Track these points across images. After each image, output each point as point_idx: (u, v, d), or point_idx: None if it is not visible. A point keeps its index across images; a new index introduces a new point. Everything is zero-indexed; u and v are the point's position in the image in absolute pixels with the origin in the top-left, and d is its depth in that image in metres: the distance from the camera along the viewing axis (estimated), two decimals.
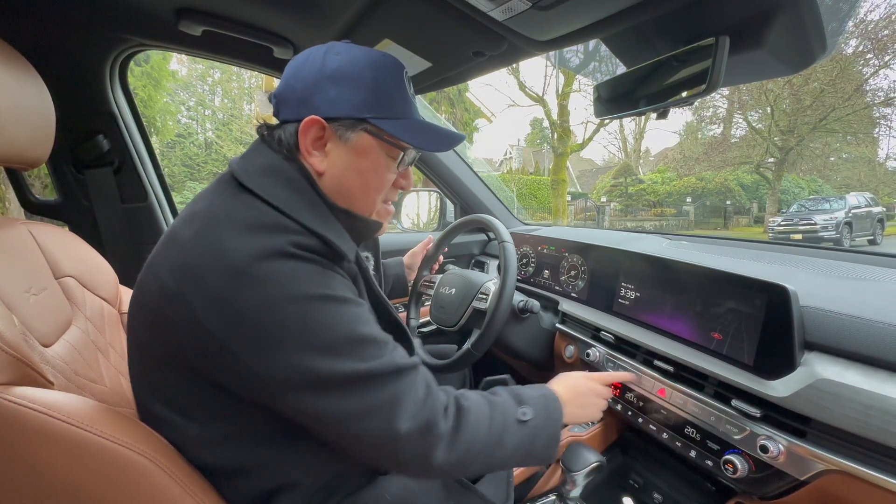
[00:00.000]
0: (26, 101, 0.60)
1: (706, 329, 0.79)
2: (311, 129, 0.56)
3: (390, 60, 0.59)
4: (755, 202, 16.61)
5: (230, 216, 0.50)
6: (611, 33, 0.80)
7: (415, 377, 0.54)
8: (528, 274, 1.38)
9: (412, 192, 1.72)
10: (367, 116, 0.56)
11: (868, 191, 13.36)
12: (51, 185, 1.19)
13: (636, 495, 0.94)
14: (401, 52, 1.03)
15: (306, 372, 0.47)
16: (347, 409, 0.49)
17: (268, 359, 0.46)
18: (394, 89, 0.58)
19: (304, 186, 0.56)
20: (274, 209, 0.52)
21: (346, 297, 0.51)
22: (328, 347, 0.48)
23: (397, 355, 0.54)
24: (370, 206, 0.63)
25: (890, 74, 21.03)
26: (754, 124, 14.98)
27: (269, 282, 0.46)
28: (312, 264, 0.50)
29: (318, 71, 0.56)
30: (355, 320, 0.51)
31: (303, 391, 0.48)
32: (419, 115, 0.63)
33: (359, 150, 0.58)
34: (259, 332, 0.46)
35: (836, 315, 0.65)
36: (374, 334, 0.52)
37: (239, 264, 0.46)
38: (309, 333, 0.47)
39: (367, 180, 0.60)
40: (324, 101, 0.55)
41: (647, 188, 17.49)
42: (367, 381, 0.49)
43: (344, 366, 0.48)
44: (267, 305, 0.46)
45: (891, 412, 0.54)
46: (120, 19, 0.99)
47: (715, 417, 0.73)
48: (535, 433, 0.61)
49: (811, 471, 0.61)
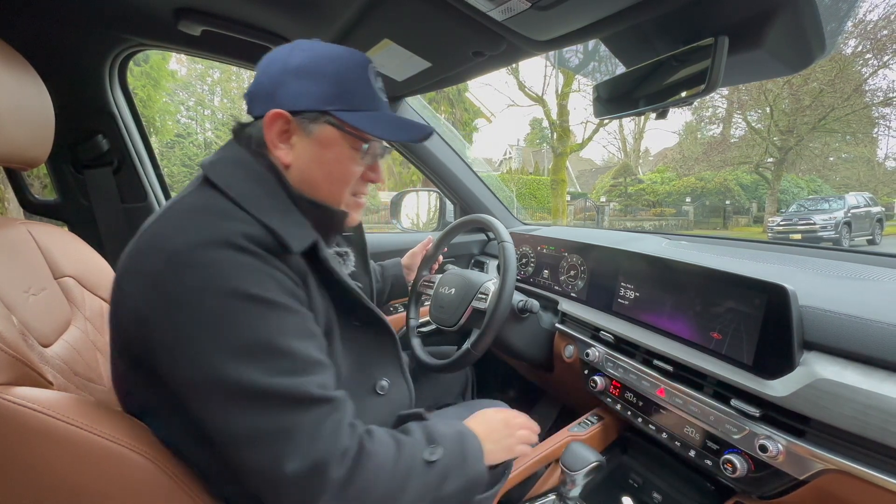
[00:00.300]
0: (25, 101, 0.60)
1: (706, 329, 0.79)
2: (275, 123, 0.57)
3: (355, 56, 0.60)
4: (754, 202, 16.63)
5: (184, 207, 0.52)
6: (610, 33, 0.80)
7: (323, 413, 0.48)
8: (527, 274, 1.38)
9: (412, 192, 1.72)
10: (329, 109, 0.57)
11: (867, 190, 13.37)
12: (50, 185, 1.19)
13: (635, 495, 0.94)
14: (400, 52, 1.03)
15: (210, 370, 0.45)
16: (237, 429, 0.45)
17: (181, 350, 0.46)
18: (357, 83, 0.59)
19: (267, 178, 0.57)
20: (228, 199, 0.52)
21: (275, 301, 0.49)
22: (237, 349, 0.45)
23: (313, 382, 0.49)
24: (337, 197, 0.63)
25: (889, 74, 21.10)
26: (754, 124, 15.00)
27: (202, 270, 0.46)
28: (252, 257, 0.48)
29: (283, 67, 0.58)
30: (277, 328, 0.48)
31: (204, 393, 0.46)
32: (387, 108, 0.64)
33: (322, 142, 0.59)
34: (181, 321, 0.45)
35: (836, 315, 0.65)
36: (294, 349, 0.48)
37: (177, 249, 0.47)
38: (224, 329, 0.45)
39: (330, 171, 0.61)
40: (287, 95, 0.57)
41: (646, 188, 17.50)
42: (265, 400, 0.45)
43: (246, 373, 0.45)
44: (195, 294, 0.45)
45: (889, 411, 0.54)
46: (119, 19, 0.99)
47: (714, 417, 0.73)
48: (447, 473, 0.56)
49: (810, 470, 0.61)
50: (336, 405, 0.50)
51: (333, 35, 1.01)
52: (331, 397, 0.50)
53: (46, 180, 1.13)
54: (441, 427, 0.61)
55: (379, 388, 0.68)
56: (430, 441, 0.57)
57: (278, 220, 0.53)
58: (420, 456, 0.55)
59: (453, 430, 0.62)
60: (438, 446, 0.57)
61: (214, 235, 0.48)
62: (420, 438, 0.57)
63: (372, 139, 0.61)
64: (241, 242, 0.48)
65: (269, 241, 0.51)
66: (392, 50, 1.02)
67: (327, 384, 0.51)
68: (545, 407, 1.53)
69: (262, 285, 0.48)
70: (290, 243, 0.52)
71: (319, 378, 0.50)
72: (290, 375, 0.47)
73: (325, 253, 0.59)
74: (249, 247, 0.48)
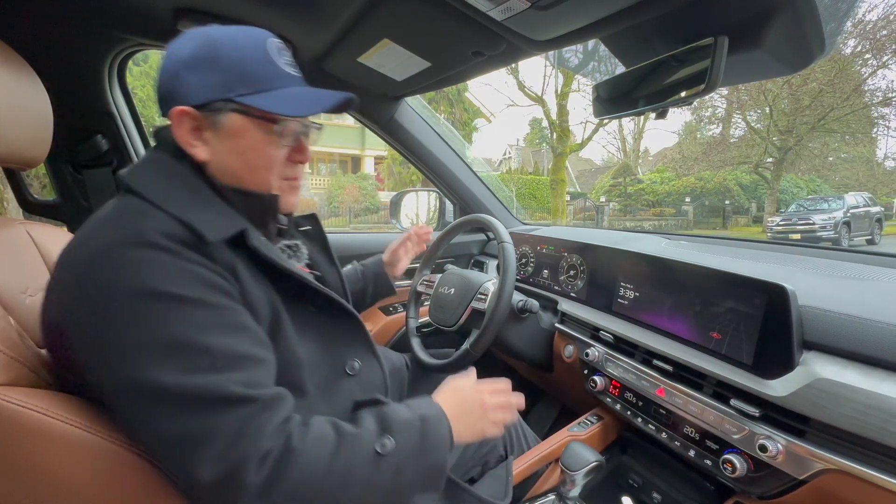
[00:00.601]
0: (24, 101, 0.60)
1: (705, 329, 0.79)
2: (182, 121, 0.55)
3: (251, 34, 0.58)
4: (754, 202, 16.64)
5: (100, 216, 0.51)
6: (610, 33, 0.80)
7: (245, 413, 0.45)
8: (527, 274, 1.38)
9: (411, 192, 1.72)
10: (231, 96, 0.55)
11: (866, 190, 13.39)
12: (49, 185, 1.19)
13: (635, 495, 0.94)
14: (400, 52, 1.03)
15: (124, 373, 0.44)
16: (154, 433, 0.44)
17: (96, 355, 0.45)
18: (257, 63, 0.57)
19: (185, 175, 0.56)
20: (144, 201, 0.51)
21: (190, 297, 0.46)
22: (150, 349, 0.44)
23: (235, 380, 0.45)
24: (264, 185, 0.61)
25: (888, 74, 21.12)
26: (753, 124, 15.00)
27: (112, 273, 0.45)
28: (165, 253, 0.47)
29: (175, 61, 0.55)
30: (193, 324, 0.45)
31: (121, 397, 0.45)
32: (300, 83, 0.61)
33: (233, 132, 0.56)
34: (93, 326, 0.45)
35: (835, 315, 0.65)
36: (212, 346, 0.45)
37: (89, 255, 0.46)
38: (135, 331, 0.44)
39: (249, 160, 0.58)
40: (185, 89, 0.55)
41: (646, 188, 17.50)
42: (180, 401, 0.43)
43: (159, 374, 0.43)
44: (104, 298, 0.44)
45: (889, 411, 0.54)
46: (118, 19, 0.99)
47: (714, 417, 0.73)
48: (402, 465, 0.52)
49: (810, 470, 0.61)
50: (264, 404, 0.46)
51: (333, 35, 1.01)
52: (255, 396, 0.46)
53: (46, 180, 1.13)
54: (401, 413, 0.57)
55: (349, 369, 0.66)
56: (383, 430, 0.53)
57: (196, 213, 0.51)
58: (368, 448, 0.51)
59: (415, 416, 0.57)
60: (391, 436, 0.53)
61: (126, 236, 0.47)
62: (371, 428, 0.53)
63: (283, 119, 0.58)
64: (153, 239, 0.47)
65: (185, 234, 0.49)
66: (392, 50, 1.02)
67: (255, 381, 0.47)
68: (545, 407, 1.53)
69: (175, 281, 0.46)
70: (205, 234, 0.50)
71: (244, 375, 0.47)
72: (206, 373, 0.44)
73: (257, 241, 0.56)
74: (162, 242, 0.47)
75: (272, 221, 0.65)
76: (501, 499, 0.77)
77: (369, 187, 15.15)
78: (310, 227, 0.83)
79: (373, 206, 14.49)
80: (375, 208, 14.41)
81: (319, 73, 1.21)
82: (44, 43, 0.97)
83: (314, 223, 0.84)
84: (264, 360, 0.51)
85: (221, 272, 0.51)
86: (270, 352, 0.53)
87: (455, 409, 0.62)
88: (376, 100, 1.37)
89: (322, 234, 0.84)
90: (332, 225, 13.63)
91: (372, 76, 1.19)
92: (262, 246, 0.57)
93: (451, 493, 0.70)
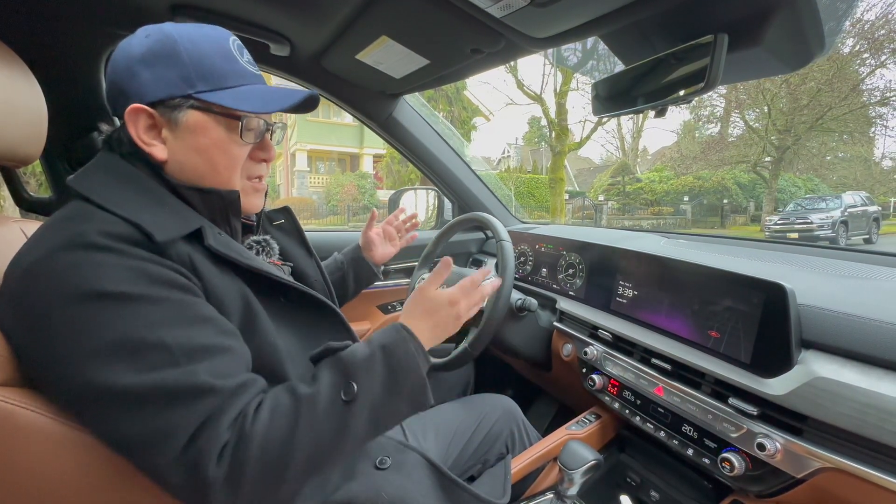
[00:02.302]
0: (17, 98, 0.60)
1: (704, 327, 0.79)
2: (137, 119, 0.53)
3: (211, 32, 0.57)
4: (752, 201, 16.68)
5: (45, 224, 0.50)
6: (609, 30, 0.80)
7: (206, 406, 0.44)
8: (525, 272, 1.38)
9: (410, 190, 1.71)
10: (191, 92, 0.53)
11: (864, 190, 13.44)
12: (45, 183, 1.18)
13: (633, 493, 0.94)
14: (398, 49, 1.02)
15: (79, 379, 0.42)
16: (119, 436, 0.43)
17: (48, 364, 0.44)
18: (217, 58, 0.55)
19: (136, 176, 0.54)
20: (90, 204, 0.49)
21: (137, 294, 0.45)
22: (101, 352, 0.42)
23: (196, 371, 0.44)
24: (228, 185, 0.59)
25: (886, 74, 21.17)
26: (751, 123, 15.03)
27: (54, 279, 0.43)
28: (108, 253, 0.45)
29: (128, 57, 0.53)
30: (144, 322, 0.44)
31: (82, 404, 0.44)
32: (261, 82, 0.60)
33: (193, 129, 0.55)
34: (41, 335, 0.43)
35: (833, 313, 0.65)
36: (167, 340, 0.44)
37: (33, 261, 0.45)
38: (84, 335, 0.43)
39: (211, 158, 0.57)
40: (140, 86, 0.53)
41: (644, 187, 17.52)
42: (139, 400, 0.42)
43: (114, 376, 0.42)
44: (48, 305, 0.43)
45: (887, 410, 0.54)
46: (114, 15, 0.98)
47: (712, 415, 0.73)
48: (375, 401, 0.52)
49: (807, 468, 0.61)
50: (226, 395, 0.46)
51: (331, 32, 1.00)
52: (218, 388, 0.45)
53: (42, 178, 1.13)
54: (359, 352, 0.55)
55: None
56: (344, 376, 0.52)
57: (145, 213, 0.50)
58: (331, 400, 0.50)
59: (373, 349, 0.56)
60: (353, 380, 0.52)
61: (69, 239, 0.45)
62: (329, 380, 0.52)
63: (245, 115, 0.57)
64: (93, 240, 0.45)
65: (132, 233, 0.48)
66: (390, 47, 1.01)
67: (220, 371, 0.46)
68: (543, 405, 1.53)
69: (119, 280, 0.44)
70: (153, 233, 0.48)
71: (208, 365, 0.46)
72: (164, 369, 0.43)
73: (214, 240, 0.54)
74: (103, 242, 0.45)
75: (235, 218, 0.63)
76: (500, 497, 0.77)
77: (368, 186, 15.15)
78: (283, 220, 0.82)
79: (371, 205, 14.48)
80: (374, 207, 14.39)
81: (317, 71, 1.21)
82: (38, 39, 0.97)
83: (288, 216, 0.83)
84: (230, 348, 0.49)
85: (176, 267, 0.49)
86: (238, 340, 0.52)
87: (421, 320, 0.63)
88: (375, 97, 1.36)
89: (297, 226, 0.83)
90: (330, 223, 13.62)
91: (370, 73, 1.18)
92: (221, 245, 0.55)
93: (449, 491, 0.70)
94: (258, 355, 0.55)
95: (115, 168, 0.55)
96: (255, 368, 0.54)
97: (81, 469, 0.45)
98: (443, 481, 0.70)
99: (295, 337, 0.62)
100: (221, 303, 0.53)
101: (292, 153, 17.10)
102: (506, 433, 0.96)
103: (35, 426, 0.43)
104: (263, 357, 0.55)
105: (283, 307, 0.62)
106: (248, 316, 0.56)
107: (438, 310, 0.65)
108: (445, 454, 0.86)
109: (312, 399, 0.50)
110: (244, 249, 0.60)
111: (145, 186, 0.54)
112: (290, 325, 0.62)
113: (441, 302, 0.65)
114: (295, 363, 0.59)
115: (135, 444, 0.43)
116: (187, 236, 0.53)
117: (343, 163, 18.62)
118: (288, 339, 0.60)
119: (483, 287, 0.71)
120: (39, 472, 0.44)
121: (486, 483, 0.83)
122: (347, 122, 17.03)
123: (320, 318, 0.67)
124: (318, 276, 0.80)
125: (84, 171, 0.54)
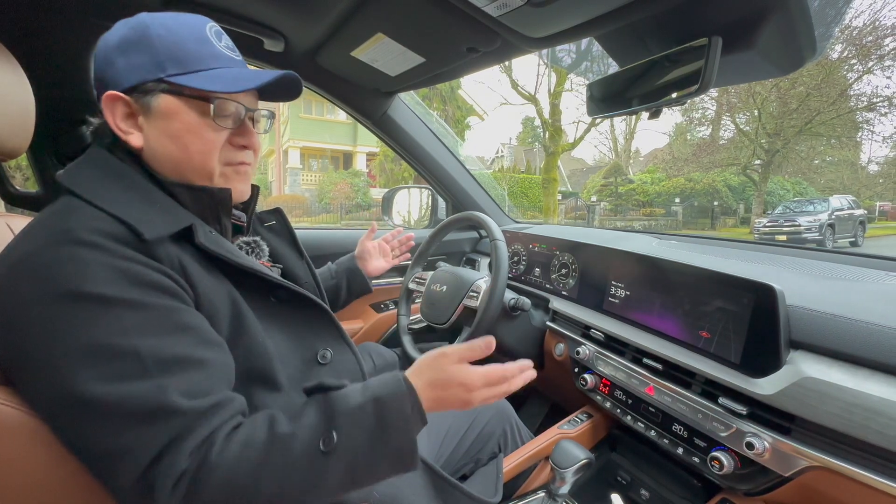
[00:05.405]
0: (4, 90, 0.58)
1: (694, 327, 0.80)
2: (114, 107, 0.53)
3: (187, 18, 0.56)
4: (742, 203, 16.89)
5: (33, 221, 0.49)
6: (604, 31, 0.81)
7: (170, 427, 0.42)
8: (519, 272, 1.38)
9: (404, 189, 1.71)
10: (162, 76, 0.53)
11: (850, 193, 13.69)
12: (32, 177, 1.15)
13: (624, 492, 0.95)
14: (393, 47, 1.02)
15: (46, 381, 0.42)
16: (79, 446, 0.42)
17: (21, 364, 0.43)
18: (191, 43, 0.54)
19: (123, 169, 0.54)
20: (78, 199, 0.49)
21: (117, 298, 0.43)
22: (72, 355, 0.41)
23: (166, 386, 0.42)
24: (206, 170, 0.57)
25: (872, 80, 21.55)
26: (742, 127, 15.22)
27: (35, 276, 0.43)
28: (94, 251, 0.44)
29: (106, 46, 0.54)
30: (119, 328, 0.42)
31: (47, 407, 0.43)
32: (241, 66, 0.59)
33: (165, 114, 0.54)
34: (17, 333, 0.42)
35: (821, 314, 0.66)
36: (140, 350, 0.42)
37: (17, 258, 0.44)
38: (56, 336, 0.41)
39: (185, 144, 0.55)
40: (115, 74, 0.53)
41: (636, 188, 17.65)
42: (101, 411, 0.41)
43: (80, 382, 0.40)
44: (25, 303, 0.42)
45: (872, 409, 0.55)
46: (104, 8, 0.96)
47: (702, 415, 0.74)
48: (356, 458, 0.47)
49: (795, 467, 0.62)
50: (194, 416, 0.43)
51: (326, 28, 1.00)
52: (185, 409, 0.42)
53: (29, 172, 1.10)
54: (351, 398, 0.50)
55: (321, 358, 0.65)
56: (328, 421, 0.48)
57: (134, 209, 0.49)
58: (307, 446, 0.46)
59: (367, 399, 0.50)
60: (336, 430, 0.47)
61: (56, 235, 0.44)
62: (312, 423, 0.48)
63: (215, 97, 0.55)
64: (80, 235, 0.44)
65: (120, 231, 0.47)
66: (385, 44, 1.01)
67: (192, 388, 0.44)
68: (535, 404, 1.53)
69: (100, 280, 0.43)
70: (142, 231, 0.47)
71: (179, 380, 0.44)
72: (134, 381, 0.41)
73: (205, 238, 0.53)
74: (90, 238, 0.44)
75: (225, 217, 0.62)
76: (492, 496, 0.77)
77: (361, 184, 15.07)
78: (274, 221, 0.81)
79: (364, 203, 14.41)
80: (367, 205, 14.34)
81: (312, 67, 1.20)
82: (26, 31, 0.95)
83: (279, 217, 0.82)
84: (207, 361, 0.47)
85: (165, 270, 0.48)
86: (221, 352, 0.50)
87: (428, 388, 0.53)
88: (369, 95, 1.35)
89: (288, 227, 0.82)
90: (323, 221, 13.53)
91: (365, 71, 1.17)
92: (212, 243, 0.54)
93: (441, 490, 0.70)
94: (247, 357, 0.54)
95: (105, 164, 0.54)
96: (244, 370, 0.53)
97: (58, 462, 0.44)
98: (435, 480, 0.70)
99: (284, 337, 0.61)
100: (211, 305, 0.52)
101: (285, 150, 16.98)
102: (498, 432, 0.96)
103: (14, 421, 0.42)
104: (252, 359, 0.55)
105: (272, 307, 0.61)
106: (237, 317, 0.55)
107: (449, 387, 0.54)
108: (438, 453, 0.86)
109: (289, 441, 0.46)
110: (235, 248, 0.60)
111: (133, 181, 0.53)
112: (280, 325, 0.61)
113: (457, 380, 0.54)
114: (285, 363, 0.58)
115: (92, 456, 0.42)
116: (176, 237, 0.52)
117: (336, 160, 18.52)
118: (277, 339, 0.60)
119: (512, 382, 0.58)
120: (33, 468, 0.44)
121: (479, 482, 0.83)
122: (341, 120, 16.94)
123: (311, 318, 0.66)
124: (308, 279, 0.80)
125: (74, 166, 0.54)
